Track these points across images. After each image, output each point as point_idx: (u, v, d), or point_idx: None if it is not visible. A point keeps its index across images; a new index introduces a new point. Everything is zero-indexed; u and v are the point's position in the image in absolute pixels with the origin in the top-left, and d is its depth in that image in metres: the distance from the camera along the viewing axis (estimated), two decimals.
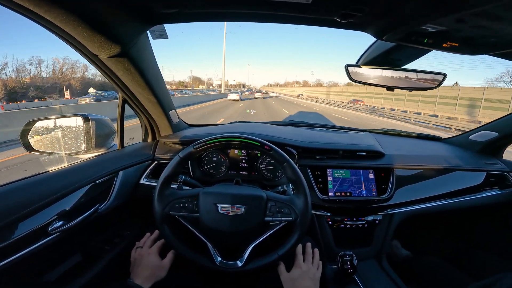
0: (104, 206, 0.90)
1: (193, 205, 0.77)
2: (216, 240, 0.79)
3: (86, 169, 0.89)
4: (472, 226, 1.47)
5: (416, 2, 0.52)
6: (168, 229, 0.77)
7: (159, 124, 1.20)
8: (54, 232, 0.70)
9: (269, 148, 0.81)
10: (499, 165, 1.28)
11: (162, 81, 1.03)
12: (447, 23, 0.58)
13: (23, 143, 0.94)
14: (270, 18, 0.70)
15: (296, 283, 0.76)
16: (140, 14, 0.64)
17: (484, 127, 1.35)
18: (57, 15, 0.53)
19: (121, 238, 1.02)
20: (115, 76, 0.84)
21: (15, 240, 0.63)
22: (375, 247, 1.18)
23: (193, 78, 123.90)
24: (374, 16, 0.62)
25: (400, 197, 1.16)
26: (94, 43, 0.64)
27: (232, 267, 0.75)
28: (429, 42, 0.71)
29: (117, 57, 0.74)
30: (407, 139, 1.52)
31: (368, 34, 0.75)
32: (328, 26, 0.72)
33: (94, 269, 0.87)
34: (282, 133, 1.23)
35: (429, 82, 0.89)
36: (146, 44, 0.84)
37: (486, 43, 0.71)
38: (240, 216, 0.76)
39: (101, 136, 1.04)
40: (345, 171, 1.15)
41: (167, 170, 0.79)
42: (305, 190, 0.78)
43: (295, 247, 0.84)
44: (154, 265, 0.79)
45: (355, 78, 0.91)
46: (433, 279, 1.12)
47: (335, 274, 0.98)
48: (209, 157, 1.17)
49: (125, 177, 1.00)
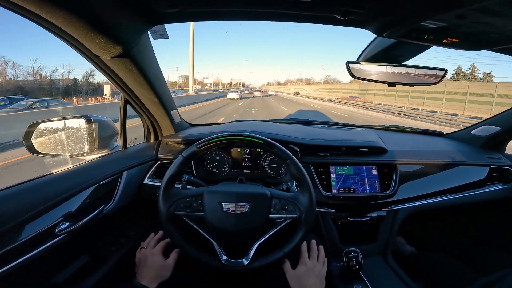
0: (109, 206, 0.90)
1: (197, 204, 0.78)
2: (222, 239, 0.79)
3: (91, 170, 0.89)
4: (476, 221, 1.47)
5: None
6: (174, 229, 0.78)
7: (161, 124, 1.21)
8: (61, 234, 0.71)
9: (272, 146, 0.81)
10: (502, 159, 1.28)
11: (163, 81, 1.04)
12: (447, 19, 0.59)
13: (27, 145, 0.94)
14: (270, 17, 0.70)
15: (302, 280, 0.77)
16: (141, 14, 0.64)
17: (486, 121, 1.35)
18: (58, 17, 0.53)
19: (127, 239, 1.03)
20: (117, 76, 0.84)
21: (22, 242, 0.63)
22: (380, 244, 1.18)
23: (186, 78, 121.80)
24: (375, 13, 0.62)
25: (403, 193, 1.16)
26: (95, 44, 0.64)
27: (238, 265, 0.75)
28: (430, 38, 0.71)
29: (119, 58, 0.74)
30: (410, 135, 1.52)
31: (369, 31, 0.75)
32: (328, 23, 0.72)
33: (101, 270, 0.87)
34: (285, 131, 1.23)
35: (430, 77, 0.89)
36: (147, 44, 0.84)
37: (486, 39, 0.71)
38: (245, 214, 0.76)
39: (104, 137, 1.05)
40: (348, 168, 1.15)
41: (171, 169, 0.80)
42: (309, 187, 0.78)
43: (300, 244, 0.84)
44: (158, 265, 0.79)
45: (356, 74, 0.91)
46: (439, 275, 1.12)
47: (341, 270, 0.98)
48: (212, 156, 1.17)
49: (129, 177, 1.01)
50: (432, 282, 1.11)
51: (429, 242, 1.46)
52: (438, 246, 1.43)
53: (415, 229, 1.44)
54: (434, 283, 1.10)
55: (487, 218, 1.43)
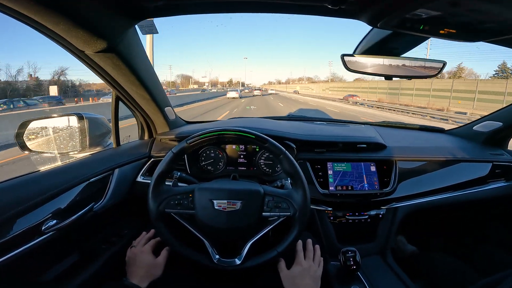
0: (100, 204, 0.89)
1: (188, 202, 0.76)
2: (213, 237, 0.77)
3: (80, 168, 0.88)
4: (478, 219, 1.44)
5: None
6: (164, 227, 0.76)
7: (155, 122, 1.19)
8: (48, 231, 0.69)
9: (264, 141, 0.79)
10: (505, 155, 1.25)
11: (155, 78, 1.02)
12: (441, 7, 0.56)
13: (19, 143, 0.94)
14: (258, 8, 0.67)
15: (296, 280, 0.75)
16: (125, 8, 0.63)
17: (487, 117, 1.31)
18: (36, 11, 0.51)
19: (119, 237, 1.01)
20: (105, 72, 0.83)
21: (9, 239, 0.62)
22: (379, 243, 1.15)
23: (183, 77, 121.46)
24: (365, 1, 0.60)
25: (403, 190, 1.13)
26: (78, 38, 0.63)
27: (230, 265, 0.73)
28: (425, 28, 0.68)
29: (105, 53, 0.72)
30: (409, 131, 1.50)
31: (362, 22, 0.73)
32: (319, 14, 0.70)
33: (91, 268, 0.86)
34: (281, 127, 1.21)
35: (428, 70, 0.87)
36: (135, 40, 0.82)
37: (485, 29, 0.69)
38: (237, 212, 0.74)
39: (96, 134, 1.04)
40: (346, 164, 1.12)
41: (161, 166, 0.78)
42: (303, 184, 0.76)
43: (295, 243, 0.82)
44: (148, 264, 0.77)
45: (351, 67, 0.89)
46: (440, 275, 1.09)
47: (338, 271, 0.96)
48: (206, 153, 1.16)
49: (121, 175, 0.99)
50: (432, 282, 1.08)
51: (430, 241, 1.43)
52: (438, 245, 1.40)
53: (416, 227, 1.41)
54: (434, 284, 1.07)
55: (489, 216, 1.40)
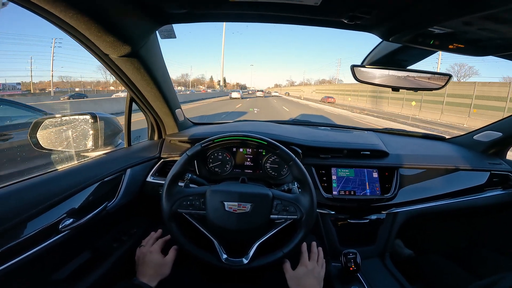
0: (113, 203, 0.91)
1: (200, 203, 0.79)
2: (222, 238, 0.80)
3: (95, 167, 0.90)
4: (475, 225, 1.47)
5: (425, 5, 0.53)
6: (176, 227, 0.79)
7: (165, 123, 1.22)
8: (65, 230, 0.71)
9: (276, 147, 0.82)
10: (503, 165, 1.29)
11: (169, 80, 1.05)
12: (454, 25, 0.59)
13: (32, 141, 0.95)
14: (279, 19, 0.70)
15: (301, 281, 0.78)
16: (151, 15, 0.65)
17: (488, 127, 1.35)
18: (72, 15, 0.54)
19: (129, 236, 1.04)
20: (124, 75, 0.85)
21: (26, 238, 0.63)
22: (379, 246, 1.19)
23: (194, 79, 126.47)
24: (381, 19, 0.63)
25: (403, 196, 1.17)
26: (106, 42, 0.66)
27: (238, 264, 0.76)
28: (435, 43, 0.71)
29: (127, 57, 0.75)
30: (412, 139, 1.52)
31: (374, 35, 0.76)
32: (334, 27, 0.73)
33: (103, 267, 0.88)
34: (287, 132, 1.24)
35: (435, 82, 0.89)
36: (155, 44, 0.85)
37: (492, 45, 0.71)
38: (246, 214, 0.77)
39: (108, 134, 1.06)
40: (349, 170, 1.16)
41: (175, 168, 0.80)
42: (311, 189, 0.79)
43: (300, 245, 0.85)
44: (156, 263, 0.79)
45: (360, 78, 0.92)
46: (437, 278, 1.13)
47: (339, 272, 0.99)
48: (214, 155, 1.18)
49: (133, 175, 1.02)
50: (429, 285, 1.12)
51: (427, 245, 1.47)
52: (436, 249, 1.44)
53: (414, 232, 1.45)
54: (430, 286, 1.11)
55: (485, 222, 1.44)
